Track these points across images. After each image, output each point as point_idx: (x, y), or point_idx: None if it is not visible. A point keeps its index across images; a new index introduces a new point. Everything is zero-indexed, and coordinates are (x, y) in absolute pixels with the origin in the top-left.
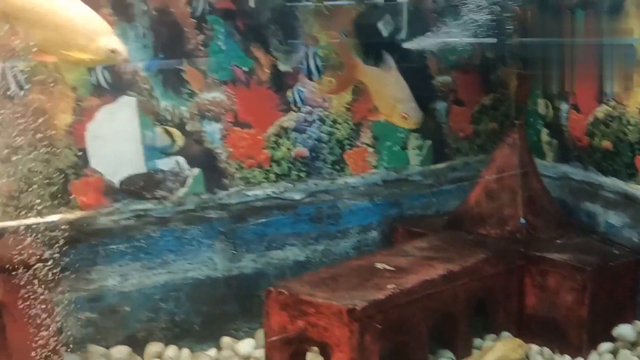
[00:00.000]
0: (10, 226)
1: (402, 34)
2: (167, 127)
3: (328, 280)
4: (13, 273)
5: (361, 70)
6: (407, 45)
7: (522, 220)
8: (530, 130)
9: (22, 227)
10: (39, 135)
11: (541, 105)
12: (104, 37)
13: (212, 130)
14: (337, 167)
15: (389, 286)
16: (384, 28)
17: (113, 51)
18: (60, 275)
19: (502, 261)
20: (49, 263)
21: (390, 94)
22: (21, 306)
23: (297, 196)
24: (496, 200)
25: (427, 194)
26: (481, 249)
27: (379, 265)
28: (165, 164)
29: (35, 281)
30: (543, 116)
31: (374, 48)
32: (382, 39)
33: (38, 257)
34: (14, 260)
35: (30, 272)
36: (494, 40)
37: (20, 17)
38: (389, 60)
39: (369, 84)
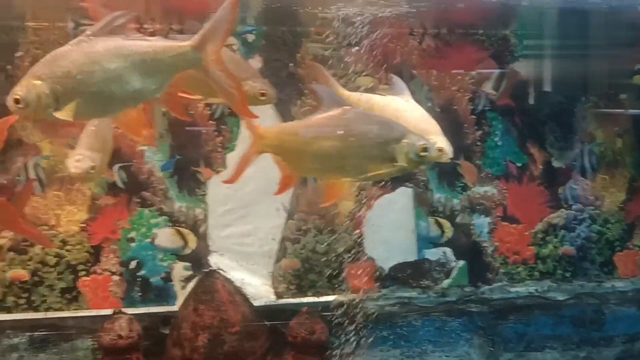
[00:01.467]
0: (296, 304)
1: None
2: (438, 218)
3: None
4: (302, 350)
5: None
6: None
7: None
8: None
9: (307, 306)
10: (324, 220)
11: None
12: (433, 135)
13: (481, 223)
14: (605, 269)
15: None
16: None
17: (440, 150)
18: (334, 354)
19: None
20: (328, 342)
21: None
22: None
23: (560, 297)
24: None
25: None
26: None
27: None
28: (432, 254)
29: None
30: None
31: None
32: None
33: (323, 335)
34: (304, 337)
35: (317, 350)
36: None
37: None
38: None
39: None
